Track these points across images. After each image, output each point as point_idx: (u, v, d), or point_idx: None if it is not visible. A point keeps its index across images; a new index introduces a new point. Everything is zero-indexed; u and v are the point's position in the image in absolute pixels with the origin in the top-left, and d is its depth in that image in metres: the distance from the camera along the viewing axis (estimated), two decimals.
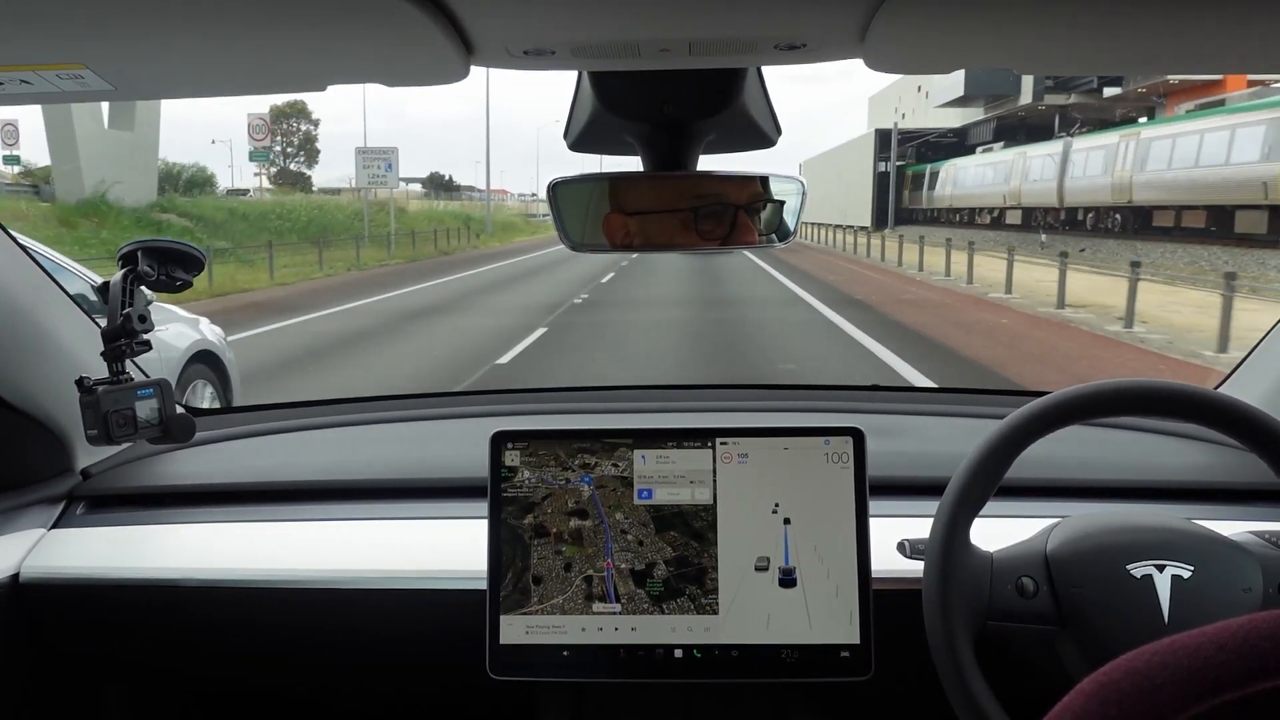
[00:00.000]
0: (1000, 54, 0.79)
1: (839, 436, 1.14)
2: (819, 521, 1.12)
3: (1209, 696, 0.37)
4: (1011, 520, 1.17)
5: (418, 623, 1.26)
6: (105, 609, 1.32)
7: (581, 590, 1.12)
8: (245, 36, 0.71)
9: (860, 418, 1.39)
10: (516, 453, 1.15)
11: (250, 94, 0.90)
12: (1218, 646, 0.39)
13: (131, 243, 1.23)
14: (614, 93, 0.97)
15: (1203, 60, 0.82)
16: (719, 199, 0.99)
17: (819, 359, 8.93)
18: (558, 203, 0.99)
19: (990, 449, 0.99)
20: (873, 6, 0.66)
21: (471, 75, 0.80)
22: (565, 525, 1.14)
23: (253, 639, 1.33)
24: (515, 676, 1.12)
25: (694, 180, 1.01)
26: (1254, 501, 1.32)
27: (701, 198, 0.99)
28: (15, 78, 0.77)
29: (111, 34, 0.70)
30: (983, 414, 1.62)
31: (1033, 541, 1.04)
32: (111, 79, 0.79)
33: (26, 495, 1.40)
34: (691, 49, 0.79)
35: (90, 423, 1.18)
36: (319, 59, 0.79)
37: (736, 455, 1.14)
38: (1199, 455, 1.44)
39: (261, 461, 1.57)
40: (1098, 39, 0.74)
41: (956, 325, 11.33)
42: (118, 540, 1.37)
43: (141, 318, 1.21)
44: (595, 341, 10.18)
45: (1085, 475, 1.39)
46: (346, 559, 1.29)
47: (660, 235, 0.99)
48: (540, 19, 0.72)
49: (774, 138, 1.09)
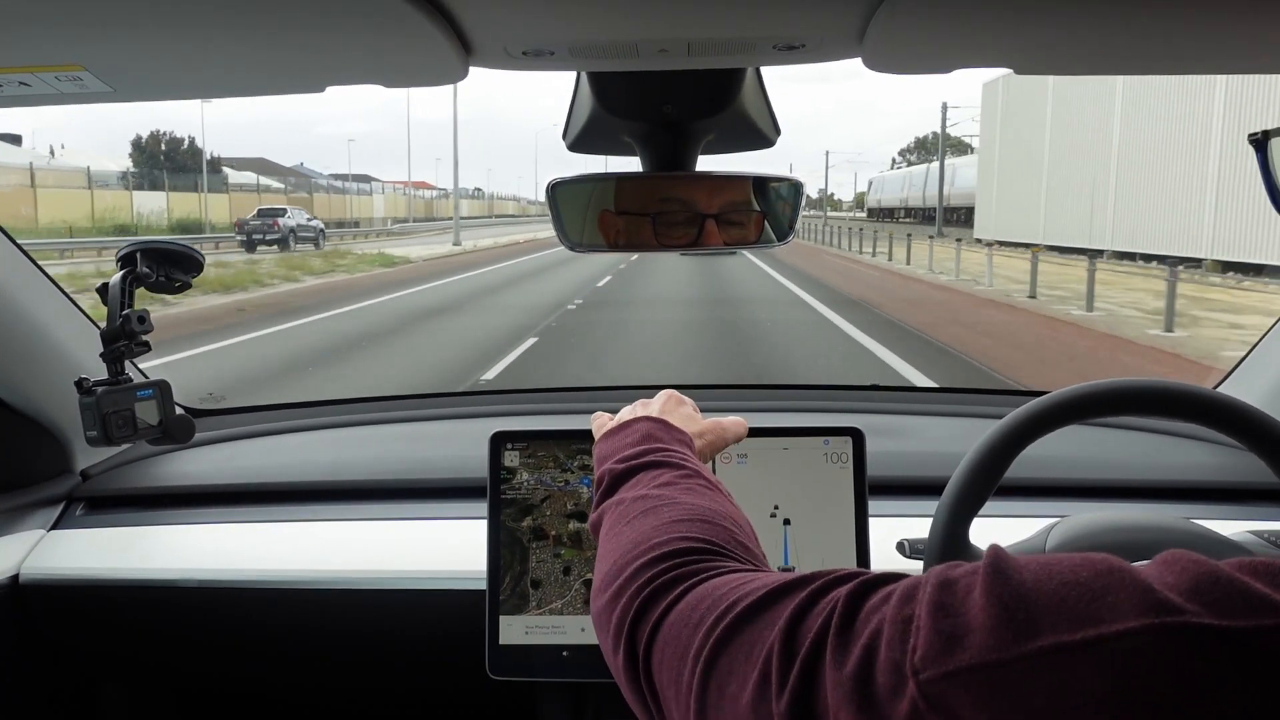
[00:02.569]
0: (999, 54, 0.79)
1: (838, 436, 1.14)
2: (818, 521, 1.12)
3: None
4: (1011, 520, 1.17)
5: (417, 623, 1.26)
6: (105, 609, 1.32)
7: (581, 594, 1.12)
8: (244, 38, 0.71)
9: (859, 418, 1.39)
10: (516, 454, 1.15)
11: (248, 95, 0.90)
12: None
13: (130, 244, 1.23)
14: (613, 93, 0.97)
15: (1201, 60, 0.82)
16: (717, 199, 0.99)
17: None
18: (556, 203, 0.99)
19: (989, 449, 0.99)
20: (871, 7, 0.66)
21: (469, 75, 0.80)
22: (564, 528, 1.13)
23: (252, 639, 1.33)
24: (515, 677, 1.12)
25: (692, 181, 1.01)
26: (1253, 501, 1.33)
27: (700, 198, 0.99)
28: (14, 80, 0.77)
29: (110, 36, 0.70)
30: (982, 414, 1.62)
31: (1032, 541, 1.04)
32: (110, 81, 0.79)
33: (26, 496, 1.40)
34: (690, 49, 0.79)
35: (90, 424, 1.18)
36: (317, 60, 0.79)
37: (736, 455, 1.14)
38: (1198, 455, 1.44)
39: (260, 462, 1.57)
40: (1096, 39, 0.74)
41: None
42: (117, 541, 1.37)
43: (141, 318, 1.21)
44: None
45: (1084, 475, 1.39)
46: (345, 559, 1.29)
47: (657, 236, 0.99)
48: (539, 19, 0.72)
49: (773, 138, 1.09)
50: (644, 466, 0.74)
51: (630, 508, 0.68)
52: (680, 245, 1.00)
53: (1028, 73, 0.83)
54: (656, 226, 0.99)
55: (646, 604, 0.58)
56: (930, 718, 0.39)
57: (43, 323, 1.35)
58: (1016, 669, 0.38)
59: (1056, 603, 0.39)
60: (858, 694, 0.42)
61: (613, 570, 0.63)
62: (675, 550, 0.61)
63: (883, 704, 0.41)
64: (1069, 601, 0.38)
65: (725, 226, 0.99)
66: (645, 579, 0.59)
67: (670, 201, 0.99)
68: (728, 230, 1.00)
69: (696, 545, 0.62)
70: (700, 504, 0.68)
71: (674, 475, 0.73)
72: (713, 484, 0.73)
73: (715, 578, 0.57)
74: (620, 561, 0.63)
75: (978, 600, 0.40)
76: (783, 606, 0.50)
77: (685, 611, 0.55)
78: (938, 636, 0.40)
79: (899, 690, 0.40)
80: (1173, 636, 0.36)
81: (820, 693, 0.44)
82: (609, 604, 0.61)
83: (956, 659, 0.39)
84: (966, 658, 0.39)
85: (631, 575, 0.60)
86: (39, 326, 1.34)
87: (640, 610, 0.58)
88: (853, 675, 0.43)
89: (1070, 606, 0.38)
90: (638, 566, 0.61)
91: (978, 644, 0.39)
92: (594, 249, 1.01)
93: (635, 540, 0.64)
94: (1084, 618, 0.37)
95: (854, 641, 0.44)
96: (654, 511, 0.67)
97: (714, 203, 0.99)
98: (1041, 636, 0.38)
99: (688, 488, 0.71)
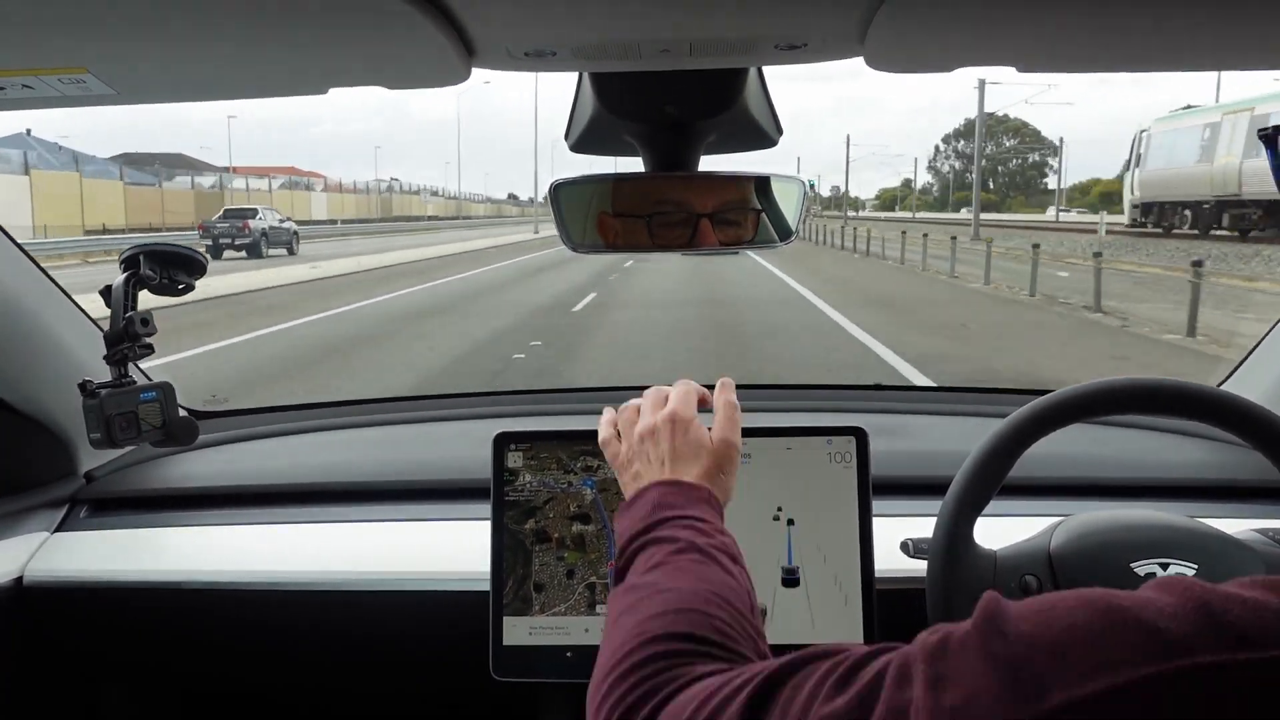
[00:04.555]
0: (1001, 53, 0.79)
1: (842, 436, 1.13)
2: (822, 521, 1.12)
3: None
4: (1015, 519, 1.16)
5: (420, 624, 1.26)
6: (108, 612, 1.32)
7: (584, 598, 1.12)
8: (247, 41, 0.71)
9: (863, 417, 1.39)
10: (519, 454, 1.15)
11: (252, 98, 0.90)
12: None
13: (134, 246, 1.23)
14: (615, 93, 0.97)
15: (1201, 59, 0.81)
16: (711, 199, 0.99)
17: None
18: (559, 204, 0.99)
19: (993, 448, 0.99)
20: (873, 6, 0.66)
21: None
22: (568, 530, 1.13)
23: (256, 641, 1.33)
24: (518, 678, 1.12)
25: (688, 181, 1.01)
26: (1258, 499, 1.32)
27: (694, 198, 0.99)
28: (17, 82, 0.77)
29: (113, 38, 0.70)
30: (986, 413, 1.62)
31: (1036, 540, 1.04)
32: (113, 83, 0.79)
33: (30, 499, 1.40)
34: (692, 49, 0.79)
35: (93, 426, 1.18)
36: (320, 62, 0.79)
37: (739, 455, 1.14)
38: (1202, 453, 1.44)
39: (264, 464, 1.57)
40: (1098, 38, 0.74)
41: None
42: (121, 543, 1.37)
43: (144, 320, 1.21)
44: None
45: (1088, 473, 1.39)
46: (349, 561, 1.29)
47: (652, 237, 0.99)
48: (541, 20, 0.72)
49: (775, 137, 1.09)
50: (642, 548, 0.74)
51: (621, 600, 0.69)
52: (675, 246, 1.00)
53: (1030, 71, 0.83)
54: (652, 228, 0.99)
55: (627, 715, 0.58)
56: None
57: (46, 325, 1.35)
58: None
59: (1059, 655, 0.37)
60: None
61: (598, 675, 0.64)
62: (647, 657, 0.60)
63: None
64: (1073, 651, 0.37)
65: (721, 226, 0.99)
66: (616, 696, 0.59)
67: (664, 203, 0.99)
68: (724, 230, 0.99)
69: (667, 650, 0.61)
70: (684, 587, 0.67)
71: (666, 553, 0.71)
72: (706, 554, 0.71)
73: (691, 685, 0.56)
74: (605, 666, 0.63)
75: (976, 665, 0.39)
76: (765, 710, 0.49)
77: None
78: (942, 714, 0.38)
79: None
80: (1186, 682, 0.35)
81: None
82: (601, 702, 0.61)
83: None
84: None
85: (616, 680, 0.60)
86: (42, 328, 1.35)
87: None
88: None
89: (1075, 657, 0.37)
90: (612, 681, 0.61)
91: (985, 715, 0.37)
92: (594, 250, 1.01)
93: (616, 646, 0.64)
94: (1091, 667, 0.36)
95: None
96: (634, 609, 0.66)
97: (709, 203, 0.99)
98: (1051, 696, 0.36)
99: (677, 567, 0.69)
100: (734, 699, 0.50)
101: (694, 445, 0.84)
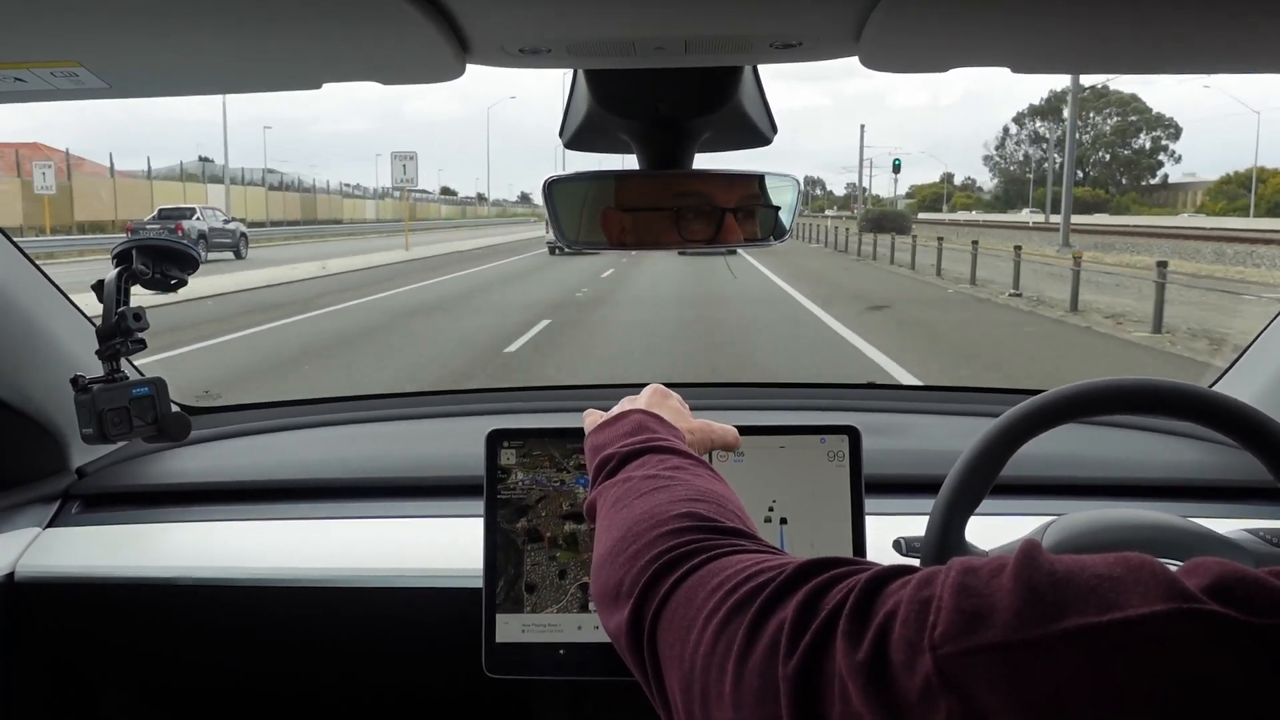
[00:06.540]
0: (996, 54, 0.79)
1: (835, 435, 1.13)
2: (815, 520, 1.12)
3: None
4: (1007, 518, 1.17)
5: (413, 621, 1.26)
6: (100, 608, 1.31)
7: (576, 599, 1.11)
8: (240, 35, 0.71)
9: (856, 416, 1.39)
10: (512, 452, 1.15)
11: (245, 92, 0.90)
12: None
13: (126, 241, 1.23)
14: (609, 91, 0.97)
15: (1199, 60, 0.82)
16: (714, 198, 0.99)
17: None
18: (554, 201, 0.99)
19: (985, 447, 0.99)
20: (868, 5, 0.66)
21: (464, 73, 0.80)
22: (560, 529, 1.13)
23: (248, 637, 1.33)
24: (512, 675, 1.11)
25: (689, 178, 1.01)
26: (1249, 499, 1.33)
27: (697, 196, 0.99)
28: (9, 76, 0.77)
29: (106, 32, 0.70)
30: (978, 412, 1.62)
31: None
32: (106, 77, 0.78)
33: (22, 494, 1.40)
34: (687, 47, 0.79)
35: (85, 421, 1.18)
36: (314, 57, 0.79)
37: (732, 454, 1.14)
38: (1194, 453, 1.44)
39: (257, 460, 1.57)
40: (1093, 39, 0.74)
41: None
42: (113, 539, 1.37)
43: (136, 316, 1.20)
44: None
45: (1081, 473, 1.40)
46: (342, 557, 1.29)
47: (654, 234, 0.99)
48: (536, 17, 0.72)
49: (770, 136, 1.09)
50: (649, 450, 0.75)
51: (640, 484, 0.69)
52: (699, 240, 0.99)
53: (1025, 72, 0.83)
54: (680, 220, 0.98)
55: (662, 571, 0.59)
56: (943, 694, 0.39)
57: (38, 320, 1.35)
58: (1040, 650, 0.38)
59: (1087, 591, 0.39)
60: (868, 667, 0.42)
61: (626, 537, 0.63)
62: (691, 526, 0.62)
63: (895, 679, 0.41)
64: (1099, 590, 0.39)
65: (743, 221, 1.00)
66: (663, 548, 0.60)
67: (689, 196, 0.98)
68: (745, 225, 1.00)
69: (711, 524, 0.62)
70: (712, 488, 0.69)
71: (681, 460, 0.73)
72: (704, 466, 0.74)
73: (732, 555, 0.58)
74: (634, 529, 0.63)
75: (1005, 583, 0.41)
76: (802, 584, 0.51)
77: (703, 579, 0.56)
78: (960, 615, 0.41)
79: (913, 665, 0.41)
80: (1195, 623, 0.36)
81: (829, 663, 0.44)
82: (622, 567, 0.61)
83: (979, 637, 0.39)
84: (990, 636, 0.39)
85: (649, 543, 0.61)
86: (34, 324, 1.34)
87: (655, 576, 0.59)
88: (865, 649, 0.43)
89: (1100, 594, 0.39)
90: (655, 535, 0.61)
91: (1002, 623, 0.39)
92: (593, 247, 1.01)
93: (649, 511, 0.64)
94: (1111, 603, 0.38)
95: (869, 619, 0.44)
96: (666, 489, 0.67)
97: (731, 197, 0.99)
98: (1068, 619, 0.38)
99: (696, 473, 0.71)
100: (776, 579, 0.52)
101: (672, 410, 0.87)
